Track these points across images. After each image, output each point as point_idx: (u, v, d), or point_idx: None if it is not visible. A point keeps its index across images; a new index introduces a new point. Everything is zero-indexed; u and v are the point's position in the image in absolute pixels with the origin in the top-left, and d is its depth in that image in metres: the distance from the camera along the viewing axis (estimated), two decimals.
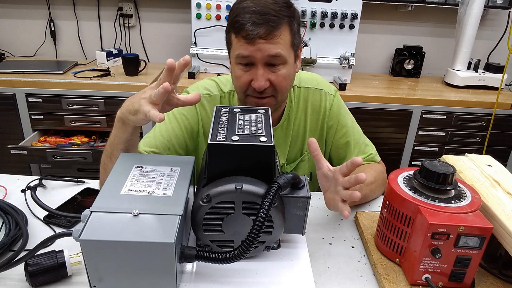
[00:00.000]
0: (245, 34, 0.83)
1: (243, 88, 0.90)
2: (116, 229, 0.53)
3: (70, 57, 2.31)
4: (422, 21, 2.31)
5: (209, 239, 0.63)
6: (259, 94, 0.89)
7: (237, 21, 0.83)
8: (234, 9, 0.86)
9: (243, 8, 0.84)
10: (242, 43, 0.84)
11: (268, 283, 0.62)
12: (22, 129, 1.94)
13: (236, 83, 0.92)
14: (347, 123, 1.07)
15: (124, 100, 0.76)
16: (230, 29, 0.87)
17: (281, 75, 0.88)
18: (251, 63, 0.87)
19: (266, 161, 0.61)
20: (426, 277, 0.67)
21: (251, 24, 0.81)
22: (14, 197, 0.90)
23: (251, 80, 0.88)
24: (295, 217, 0.65)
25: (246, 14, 0.82)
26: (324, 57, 2.00)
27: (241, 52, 0.85)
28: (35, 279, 0.62)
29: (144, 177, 0.63)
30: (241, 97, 0.93)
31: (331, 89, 1.07)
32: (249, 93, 0.90)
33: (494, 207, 0.69)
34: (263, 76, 0.86)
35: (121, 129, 0.76)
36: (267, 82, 0.87)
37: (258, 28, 0.82)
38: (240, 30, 0.83)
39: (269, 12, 0.82)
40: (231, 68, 0.93)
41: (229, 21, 0.88)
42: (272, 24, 0.82)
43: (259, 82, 0.86)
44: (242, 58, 0.86)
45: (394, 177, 0.75)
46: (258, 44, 0.83)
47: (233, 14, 0.85)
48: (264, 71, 0.87)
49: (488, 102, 1.94)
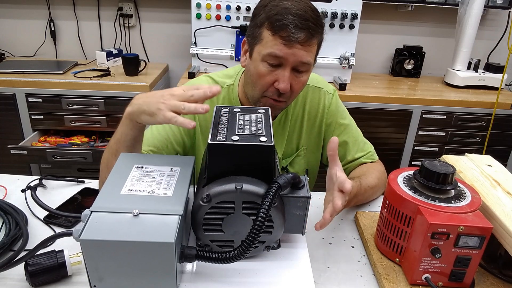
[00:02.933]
0: (286, 35, 0.81)
1: (264, 87, 0.89)
2: (116, 229, 0.53)
3: (70, 57, 2.31)
4: (422, 21, 2.31)
5: (209, 239, 0.63)
6: (278, 96, 0.89)
7: (279, 19, 0.81)
8: (271, 6, 0.84)
9: (285, 8, 0.82)
10: (278, 43, 0.83)
11: (268, 283, 0.62)
12: (22, 129, 1.94)
13: (257, 80, 0.89)
14: (345, 122, 1.08)
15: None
16: (265, 24, 0.84)
17: (302, 82, 0.89)
18: (279, 64, 0.86)
19: (266, 161, 0.61)
20: (426, 277, 0.67)
21: (294, 26, 0.80)
22: (14, 197, 0.90)
23: (274, 81, 0.87)
24: (295, 217, 0.65)
25: (289, 15, 0.81)
26: (324, 57, 2.00)
27: (275, 52, 0.83)
28: (35, 279, 0.62)
29: (144, 177, 0.63)
30: (257, 95, 0.91)
31: (330, 88, 1.08)
32: (268, 94, 0.89)
33: (494, 207, 0.69)
34: (289, 79, 0.86)
35: (128, 126, 0.75)
36: (289, 85, 0.87)
37: (300, 32, 0.81)
38: (280, 29, 0.81)
39: (309, 19, 0.82)
40: (253, 64, 0.89)
41: (262, 15, 0.85)
42: (312, 32, 0.82)
43: (286, 85, 0.85)
44: (274, 57, 0.84)
45: (394, 177, 0.75)
46: (294, 48, 0.82)
47: (271, 11, 0.83)
48: (291, 75, 0.86)
49: (488, 102, 1.94)
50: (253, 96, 0.93)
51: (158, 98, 0.68)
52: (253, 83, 0.91)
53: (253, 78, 0.90)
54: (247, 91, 0.96)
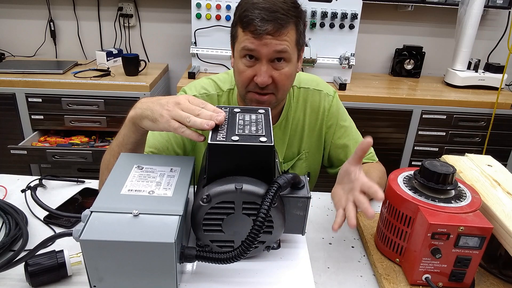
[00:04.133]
0: (253, 29, 0.83)
1: (245, 83, 0.90)
2: (116, 229, 0.53)
3: (70, 57, 2.31)
4: (422, 21, 2.31)
5: (209, 239, 0.63)
6: (260, 90, 0.89)
7: (246, 15, 0.83)
8: (243, 4, 0.87)
9: (252, 3, 0.84)
10: (249, 37, 0.85)
11: (268, 283, 0.62)
12: (22, 129, 1.94)
13: (238, 78, 0.91)
14: (345, 124, 1.08)
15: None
16: (238, 22, 0.87)
17: (284, 73, 0.89)
18: (256, 58, 0.87)
19: (266, 161, 0.61)
20: (426, 277, 0.67)
21: (260, 20, 0.82)
22: (14, 197, 0.90)
23: (253, 75, 0.88)
24: (295, 217, 0.65)
25: (255, 9, 0.83)
26: (324, 57, 2.00)
27: (247, 45, 0.85)
28: (35, 279, 0.62)
29: (144, 177, 0.63)
30: (242, 92, 0.93)
31: (330, 90, 1.08)
32: (250, 88, 0.90)
33: (494, 207, 0.69)
34: (267, 72, 0.87)
35: (131, 130, 0.74)
36: (270, 78, 0.87)
37: (266, 24, 0.82)
38: (248, 24, 0.83)
39: (278, 10, 0.83)
40: (234, 62, 0.93)
41: (236, 14, 0.88)
42: (281, 22, 0.83)
43: (262, 78, 0.86)
44: (247, 51, 0.86)
45: (394, 177, 0.75)
46: (265, 39, 0.84)
47: (241, 9, 0.86)
48: (268, 67, 0.87)
49: (488, 102, 1.94)
50: (240, 93, 0.95)
51: (162, 105, 0.67)
52: (237, 80, 0.94)
53: (236, 76, 0.93)
54: (238, 91, 0.98)
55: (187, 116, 0.64)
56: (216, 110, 0.66)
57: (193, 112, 0.65)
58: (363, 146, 0.72)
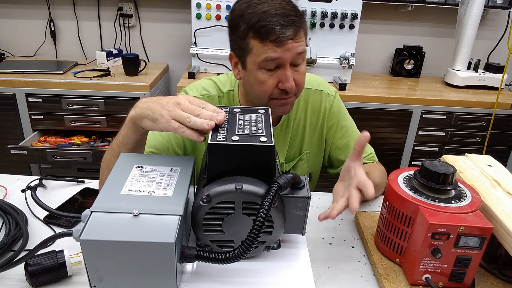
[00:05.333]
0: (275, 37, 0.81)
1: (268, 93, 0.88)
2: (116, 229, 0.53)
3: (70, 57, 2.31)
4: (422, 21, 2.31)
5: (209, 239, 0.63)
6: (286, 95, 0.89)
7: (263, 26, 0.81)
8: (249, 14, 0.83)
9: (264, 12, 0.82)
10: (270, 47, 0.82)
11: (268, 283, 0.62)
12: (22, 129, 1.94)
13: (260, 89, 0.88)
14: (346, 124, 1.08)
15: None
16: (250, 34, 0.84)
17: (302, 72, 0.90)
18: (277, 65, 0.86)
19: (266, 161, 0.61)
20: (426, 277, 0.67)
21: (280, 27, 0.81)
22: (14, 197, 0.90)
23: (277, 83, 0.87)
24: (295, 217, 0.65)
25: (270, 17, 0.81)
26: (324, 57, 2.00)
27: (270, 55, 0.83)
28: (35, 279, 0.62)
29: (144, 177, 0.63)
30: (264, 101, 0.91)
31: (331, 90, 1.08)
32: (275, 96, 0.89)
33: (494, 207, 0.69)
34: (292, 76, 0.87)
35: (131, 129, 0.74)
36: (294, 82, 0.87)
37: (287, 30, 0.81)
38: (268, 34, 0.81)
39: (290, 14, 0.82)
40: (249, 75, 0.89)
41: (243, 26, 0.84)
42: (297, 25, 0.83)
43: (291, 83, 0.86)
44: (271, 61, 0.84)
45: (394, 177, 0.75)
46: (287, 45, 0.83)
47: (251, 20, 0.82)
48: (291, 71, 0.87)
49: (488, 102, 1.94)
50: (260, 103, 0.92)
51: (162, 105, 0.67)
52: (257, 92, 0.90)
53: (254, 88, 0.90)
54: (253, 101, 0.96)
55: (187, 116, 0.64)
56: (216, 110, 0.66)
57: (193, 112, 0.65)
58: (361, 141, 0.73)
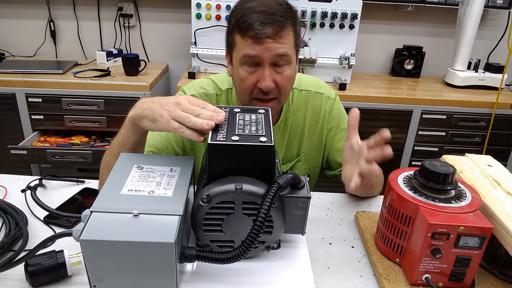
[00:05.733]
0: (253, 33, 0.82)
1: (248, 90, 0.89)
2: (116, 229, 0.53)
3: (70, 57, 2.31)
4: (422, 21, 2.31)
5: (209, 239, 0.63)
6: (264, 95, 0.89)
7: (244, 20, 0.82)
8: (237, 10, 0.85)
9: (248, 8, 0.83)
10: (249, 43, 0.83)
11: (268, 283, 0.62)
12: (22, 129, 1.94)
13: (241, 86, 0.90)
14: (346, 127, 1.07)
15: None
16: (235, 29, 0.86)
17: (286, 76, 0.88)
18: (257, 63, 0.86)
19: (266, 161, 0.61)
20: (426, 277, 0.67)
21: (259, 23, 0.81)
22: (14, 197, 0.90)
23: (256, 81, 0.87)
24: (295, 217, 0.65)
25: (253, 14, 0.82)
26: (324, 57, 2.00)
27: (248, 52, 0.84)
28: (35, 279, 0.62)
29: (144, 177, 0.63)
30: (246, 100, 0.92)
31: (332, 93, 1.08)
32: (255, 95, 0.89)
33: (494, 207, 0.69)
34: (270, 76, 0.86)
35: (131, 130, 0.74)
36: (273, 83, 0.87)
37: (266, 27, 0.81)
38: (247, 29, 0.82)
39: (275, 12, 0.82)
40: (234, 71, 0.91)
41: (232, 21, 0.87)
42: (280, 24, 0.82)
43: (266, 83, 0.85)
44: (249, 58, 0.85)
45: (394, 177, 0.75)
46: (266, 43, 0.83)
47: (237, 15, 0.84)
48: (270, 71, 0.86)
49: (488, 102, 1.94)
50: (243, 102, 0.94)
51: (162, 105, 0.67)
52: (239, 88, 0.92)
53: (237, 84, 0.92)
54: (240, 99, 0.97)
55: (187, 117, 0.64)
56: (216, 110, 0.66)
57: (193, 113, 0.65)
58: (353, 116, 0.76)
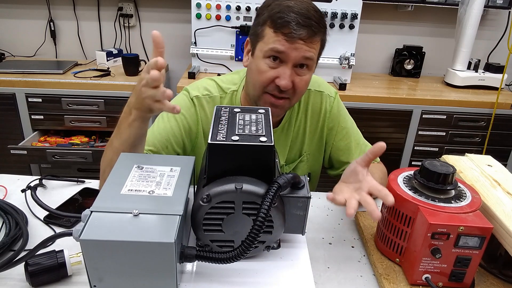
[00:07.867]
0: (288, 31, 0.83)
1: (264, 83, 0.89)
2: (116, 229, 0.53)
3: (70, 57, 2.31)
4: (422, 21, 2.31)
5: (209, 239, 0.63)
6: (279, 93, 0.89)
7: (281, 17, 0.83)
8: (273, 5, 0.86)
9: (287, 6, 0.84)
10: (281, 39, 0.84)
11: (268, 283, 0.62)
12: (22, 129, 1.94)
13: (257, 77, 0.89)
14: (347, 125, 1.08)
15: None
16: (267, 22, 0.86)
17: (304, 80, 0.89)
18: (281, 60, 0.86)
19: (266, 161, 0.61)
20: (426, 277, 0.67)
21: (296, 23, 0.82)
22: (14, 197, 0.90)
23: (275, 77, 0.87)
24: (295, 217, 0.65)
25: (291, 13, 0.83)
26: (324, 57, 1.98)
27: (277, 47, 0.84)
28: (35, 279, 0.62)
29: (144, 177, 0.63)
30: (257, 92, 0.91)
31: (332, 91, 1.08)
32: (269, 90, 0.89)
33: (494, 207, 0.69)
34: (290, 76, 0.87)
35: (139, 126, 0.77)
36: (291, 83, 0.87)
37: (301, 29, 0.82)
38: (282, 26, 0.83)
39: (312, 17, 0.83)
40: (253, 62, 0.91)
41: (265, 14, 0.87)
42: (314, 30, 0.84)
43: (286, 81, 0.86)
44: (276, 52, 0.85)
45: (394, 177, 0.75)
46: (297, 43, 0.84)
47: (273, 9, 0.85)
48: (292, 72, 0.87)
49: (488, 102, 1.94)
50: (254, 94, 0.93)
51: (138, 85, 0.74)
52: (254, 80, 0.91)
53: (253, 75, 0.91)
54: (249, 91, 0.96)
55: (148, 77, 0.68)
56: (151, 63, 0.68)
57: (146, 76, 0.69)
58: (375, 150, 0.72)
